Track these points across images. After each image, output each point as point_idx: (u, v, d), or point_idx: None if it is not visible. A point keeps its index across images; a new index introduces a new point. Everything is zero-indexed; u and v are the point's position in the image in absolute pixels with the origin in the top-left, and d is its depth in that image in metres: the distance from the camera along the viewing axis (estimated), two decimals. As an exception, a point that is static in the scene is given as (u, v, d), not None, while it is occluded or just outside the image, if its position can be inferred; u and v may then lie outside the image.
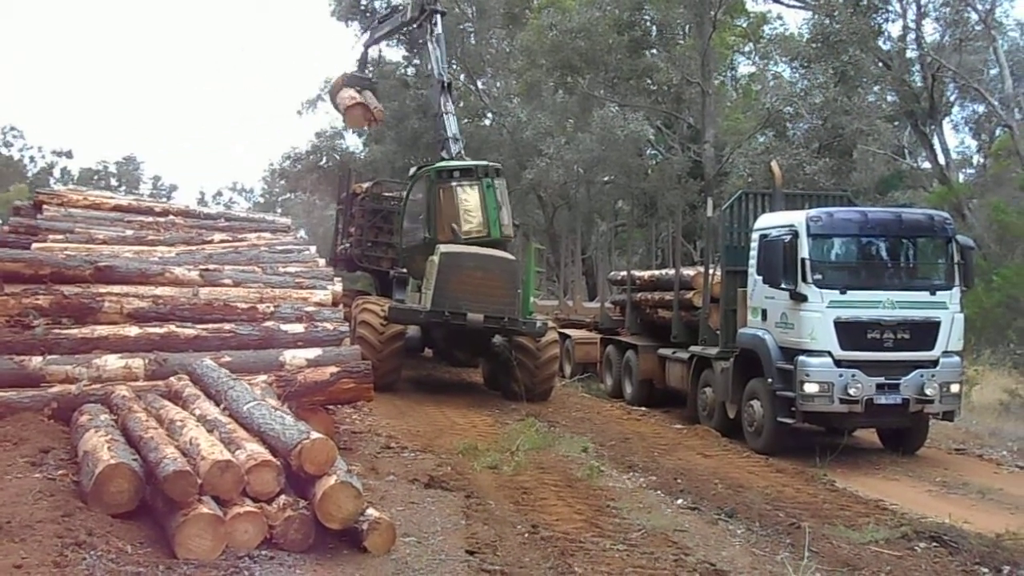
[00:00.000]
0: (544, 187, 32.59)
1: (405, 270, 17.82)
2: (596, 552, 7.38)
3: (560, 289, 29.31)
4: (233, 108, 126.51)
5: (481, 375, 19.17)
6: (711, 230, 16.17)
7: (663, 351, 16.62)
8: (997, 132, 33.60)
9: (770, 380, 12.49)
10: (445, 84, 19.53)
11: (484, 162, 18.25)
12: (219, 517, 6.14)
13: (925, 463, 12.52)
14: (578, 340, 20.63)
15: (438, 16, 20.07)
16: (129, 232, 13.44)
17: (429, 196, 17.42)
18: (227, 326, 10.42)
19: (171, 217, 14.87)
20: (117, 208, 14.80)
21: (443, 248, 16.05)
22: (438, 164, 18.02)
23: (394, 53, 39.27)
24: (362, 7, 36.88)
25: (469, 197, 17.23)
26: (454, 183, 17.32)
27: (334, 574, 6.17)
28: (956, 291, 12.43)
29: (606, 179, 32.81)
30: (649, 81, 30.96)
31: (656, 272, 18.60)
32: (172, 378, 9.00)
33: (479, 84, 38.18)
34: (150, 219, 14.49)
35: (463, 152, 18.66)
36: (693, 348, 15.21)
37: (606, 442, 13.06)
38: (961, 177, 33.09)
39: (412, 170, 18.87)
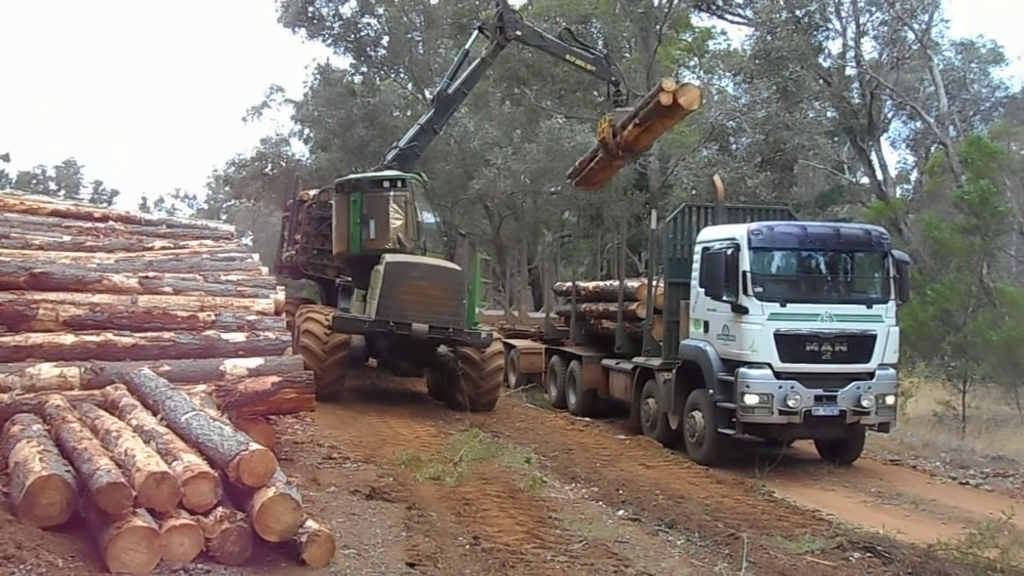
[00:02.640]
0: (491, 197, 32.65)
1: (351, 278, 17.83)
2: (537, 564, 7.39)
3: (506, 299, 29.37)
4: (178, 113, 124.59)
5: (425, 385, 19.11)
6: (655, 242, 16.34)
7: (607, 362, 16.73)
8: (933, 149, 34.40)
9: (711, 391, 12.64)
10: (434, 95, 19.86)
11: (358, 175, 18.74)
12: (154, 530, 6.03)
13: (861, 474, 12.76)
14: (523, 350, 20.69)
15: (477, 32, 19.88)
16: (67, 238, 13.16)
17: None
18: (166, 335, 10.25)
19: (111, 223, 14.59)
20: (55, 213, 14.46)
21: (388, 258, 16.00)
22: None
23: (341, 61, 39.12)
24: (309, 14, 36.60)
25: (337, 212, 18.03)
26: (334, 199, 18.31)
27: (272, 587, 6.10)
28: (892, 305, 12.70)
29: (552, 190, 32.98)
30: (596, 93, 31.20)
31: (601, 283, 18.73)
32: (109, 387, 8.84)
33: (427, 93, 38.07)
34: (89, 225, 14.20)
35: (385, 161, 19.22)
36: (636, 359, 15.34)
37: (549, 453, 13.11)
38: (898, 192, 33.85)
39: None
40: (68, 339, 9.60)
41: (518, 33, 18.99)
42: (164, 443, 7.00)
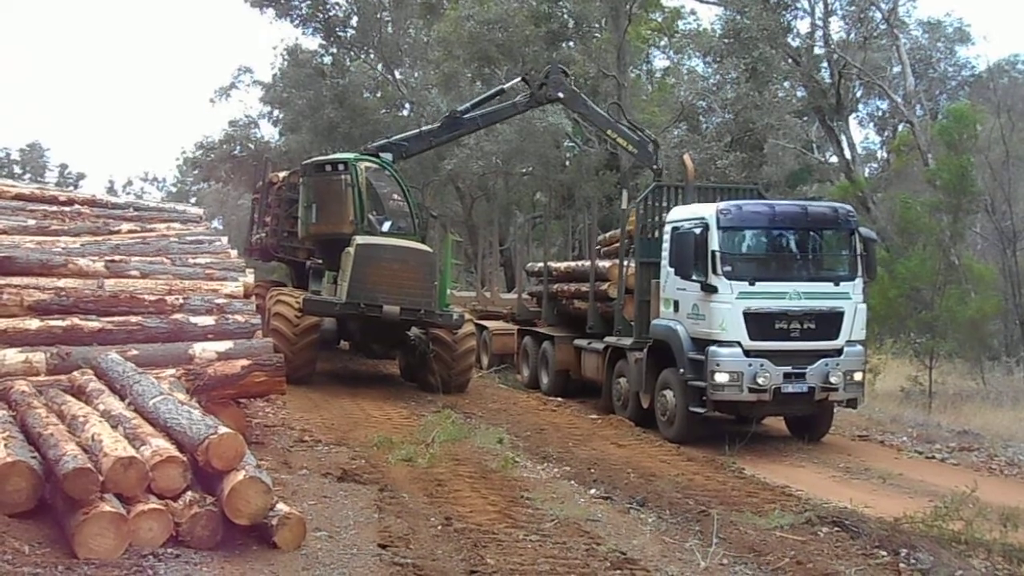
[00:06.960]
0: (463, 178, 32.54)
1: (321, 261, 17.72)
2: (509, 543, 7.41)
3: (478, 280, 29.31)
4: (145, 95, 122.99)
5: (398, 367, 19.07)
6: (626, 222, 16.35)
7: (579, 342, 16.76)
8: (900, 128, 34.69)
9: (682, 370, 12.70)
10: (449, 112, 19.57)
11: (316, 159, 18.76)
12: (122, 515, 5.98)
13: (830, 449, 12.89)
14: (495, 331, 20.68)
15: (520, 78, 19.55)
16: (31, 222, 13.02)
17: None
18: (134, 319, 10.17)
19: (77, 206, 14.45)
20: (19, 197, 14.30)
21: (359, 239, 15.90)
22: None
23: (310, 42, 38.74)
24: (277, -6, 36.20)
25: (300, 196, 18.12)
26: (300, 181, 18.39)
27: (242, 571, 6.07)
28: (859, 282, 12.80)
29: (524, 171, 32.91)
30: (566, 74, 31.10)
31: (572, 263, 18.75)
32: (75, 372, 8.76)
33: (397, 74, 37.87)
34: (54, 208, 14.05)
35: (367, 147, 18.77)
36: (608, 339, 15.37)
37: (521, 433, 13.14)
38: (866, 171, 34.09)
39: None
40: (33, 324, 9.51)
41: (559, 95, 18.64)
42: (132, 428, 6.95)
